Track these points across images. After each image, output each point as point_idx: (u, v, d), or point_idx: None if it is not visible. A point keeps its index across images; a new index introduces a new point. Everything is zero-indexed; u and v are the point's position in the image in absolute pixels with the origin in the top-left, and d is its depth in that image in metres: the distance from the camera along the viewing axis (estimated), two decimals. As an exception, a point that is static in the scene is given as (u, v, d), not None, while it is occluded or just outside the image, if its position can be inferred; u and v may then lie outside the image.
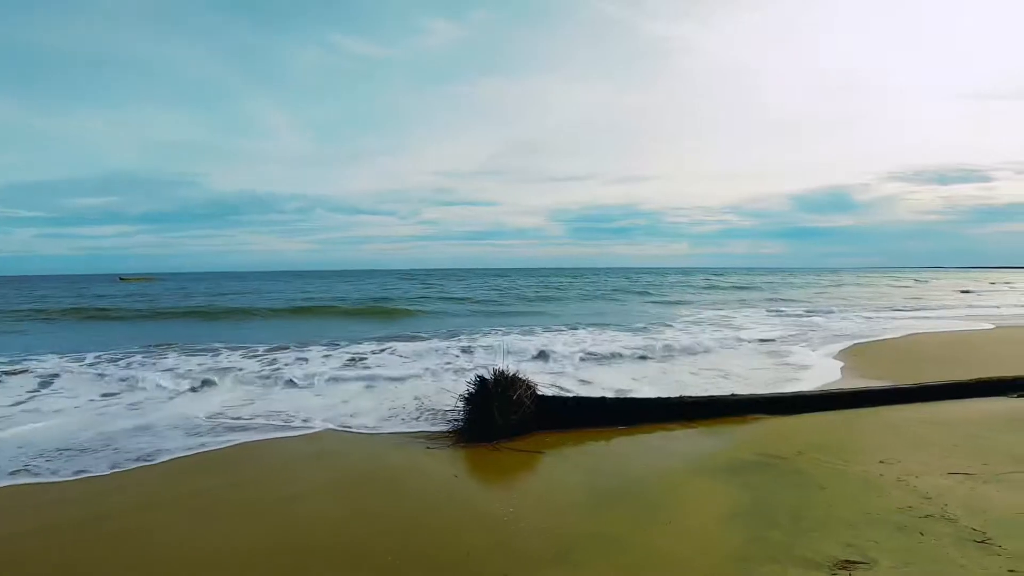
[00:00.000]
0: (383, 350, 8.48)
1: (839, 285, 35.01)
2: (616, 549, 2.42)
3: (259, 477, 3.58)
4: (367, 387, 6.15)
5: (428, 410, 5.11)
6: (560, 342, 9.18)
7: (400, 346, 8.82)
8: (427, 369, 6.98)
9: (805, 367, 7.14)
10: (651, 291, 27.71)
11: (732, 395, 4.88)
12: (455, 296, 23.97)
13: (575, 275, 63.28)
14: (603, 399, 4.73)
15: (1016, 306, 16.79)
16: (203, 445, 4.24)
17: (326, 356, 7.94)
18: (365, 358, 7.71)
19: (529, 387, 4.41)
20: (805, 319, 13.77)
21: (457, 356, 8.01)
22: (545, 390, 4.88)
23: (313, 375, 6.54)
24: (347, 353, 8.11)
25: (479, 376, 4.43)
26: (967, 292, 25.59)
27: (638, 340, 9.39)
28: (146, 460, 3.90)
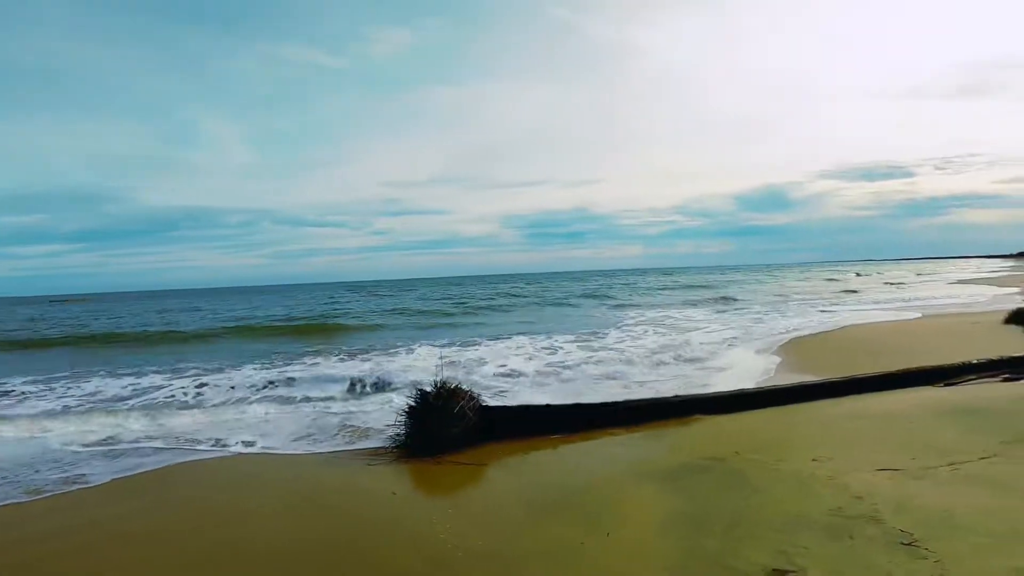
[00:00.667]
0: (313, 365, 8.35)
1: (779, 280, 36.61)
2: (556, 566, 2.34)
3: (181, 501, 3.43)
4: (293, 407, 5.95)
5: (350, 428, 5.00)
6: (499, 353, 9.01)
7: (327, 362, 8.66)
8: (356, 383, 6.80)
9: (735, 365, 7.34)
10: (602, 294, 28.03)
11: (675, 396, 4.91)
12: (401, 308, 23.22)
13: (529, 281, 63.76)
14: (547, 406, 4.66)
15: (947, 297, 17.74)
16: (127, 469, 4.10)
17: (255, 373, 7.65)
18: (293, 377, 7.38)
19: (472, 398, 4.32)
20: (747, 316, 14.16)
21: (385, 369, 7.80)
22: (490, 400, 4.78)
23: (237, 397, 6.31)
24: (274, 371, 7.82)
25: (419, 389, 4.33)
26: (894, 284, 27.13)
27: (574, 348, 9.32)
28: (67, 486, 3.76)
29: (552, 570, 2.31)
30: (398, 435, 4.27)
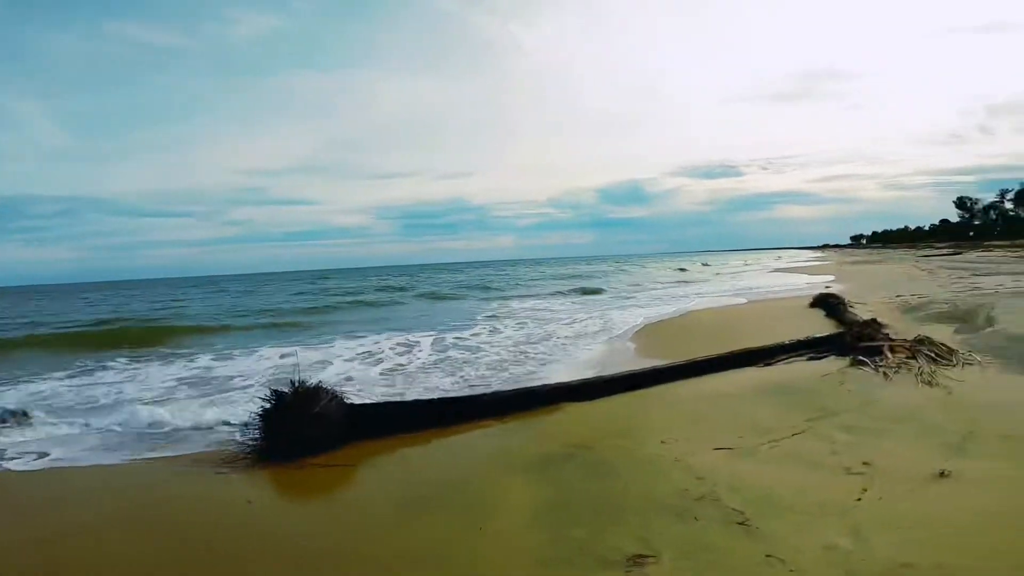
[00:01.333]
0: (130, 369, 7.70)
1: (636, 270, 39.87)
2: (429, 565, 2.33)
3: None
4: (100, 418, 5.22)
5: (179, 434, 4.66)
6: (347, 354, 8.58)
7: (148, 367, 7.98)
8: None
9: (594, 354, 7.83)
10: (474, 284, 28.42)
11: (542, 385, 5.09)
12: (249, 308, 20.66)
13: (403, 272, 62.77)
14: (415, 402, 4.61)
15: (769, 285, 20.43)
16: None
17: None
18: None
19: (335, 397, 4.15)
20: (607, 305, 15.18)
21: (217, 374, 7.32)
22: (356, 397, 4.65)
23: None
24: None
25: (274, 390, 4.07)
26: (726, 272, 30.91)
27: (428, 345, 9.07)
28: None
29: (425, 568, 2.31)
30: (252, 440, 3.98)
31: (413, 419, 4.40)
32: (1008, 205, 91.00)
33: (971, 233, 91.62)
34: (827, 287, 14.08)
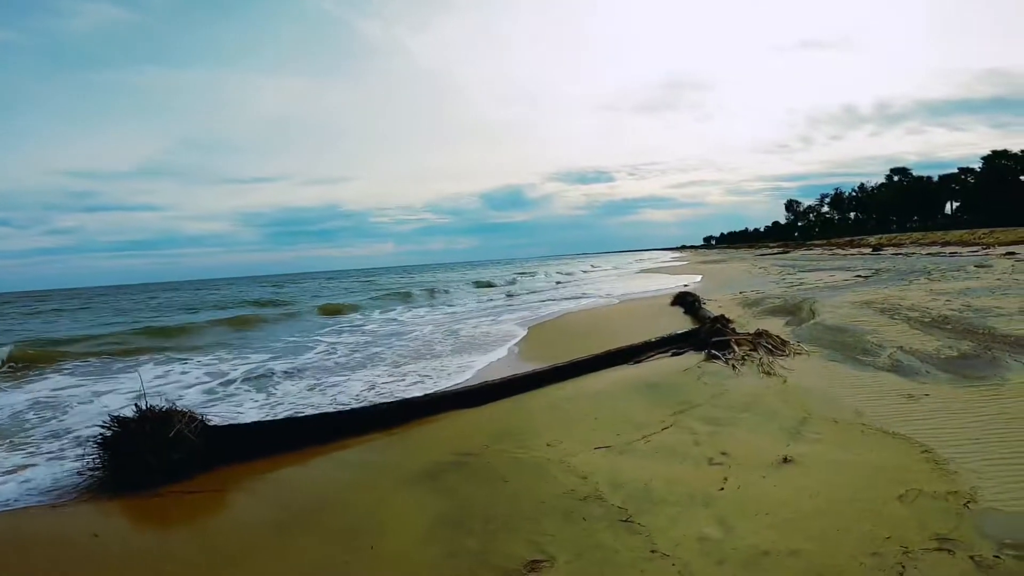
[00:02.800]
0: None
1: (518, 272, 40.83)
2: None
3: None
4: None
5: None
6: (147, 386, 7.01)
7: None
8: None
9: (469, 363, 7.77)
10: (342, 289, 27.25)
11: (425, 395, 5.04)
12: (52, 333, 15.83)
13: (270, 282, 58.54)
14: (289, 419, 4.44)
15: (637, 286, 21.93)
16: None
17: None
18: None
19: (193, 419, 3.87)
20: (479, 307, 15.35)
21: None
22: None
23: None
24: None
25: (115, 416, 3.76)
26: (595, 272, 32.80)
27: (240, 375, 7.65)
28: None
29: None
30: (94, 469, 3.65)
31: (288, 438, 4.18)
32: (825, 208, 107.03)
33: (796, 233, 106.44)
34: (685, 286, 15.53)
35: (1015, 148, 68.47)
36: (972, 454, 2.89)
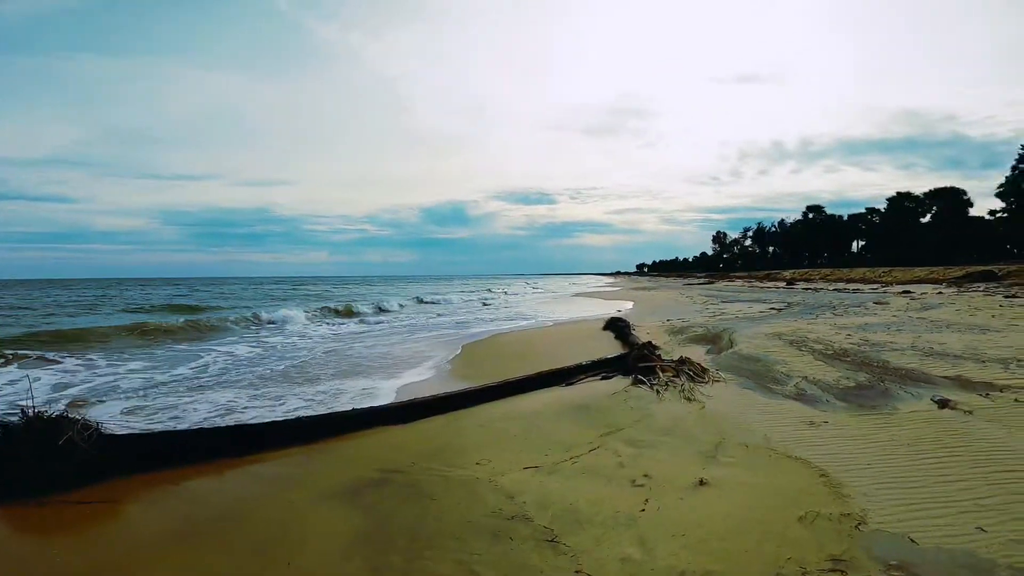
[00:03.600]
0: None
1: (457, 290, 40.63)
2: None
3: None
4: None
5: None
6: None
7: None
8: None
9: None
10: (262, 297, 26.14)
11: (352, 410, 4.96)
12: None
13: (188, 287, 55.27)
14: (200, 430, 4.27)
15: (571, 310, 22.32)
16: None
17: None
18: None
19: (87, 427, 3.69)
20: (396, 325, 15.16)
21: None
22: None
23: None
24: None
25: None
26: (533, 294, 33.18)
27: None
28: None
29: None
30: None
31: (197, 450, 4.04)
32: (748, 242, 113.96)
33: (721, 265, 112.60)
34: (618, 311, 16.05)
35: (918, 190, 75.47)
36: (864, 478, 3.17)
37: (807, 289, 31.47)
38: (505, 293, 39.50)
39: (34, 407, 3.69)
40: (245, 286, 57.47)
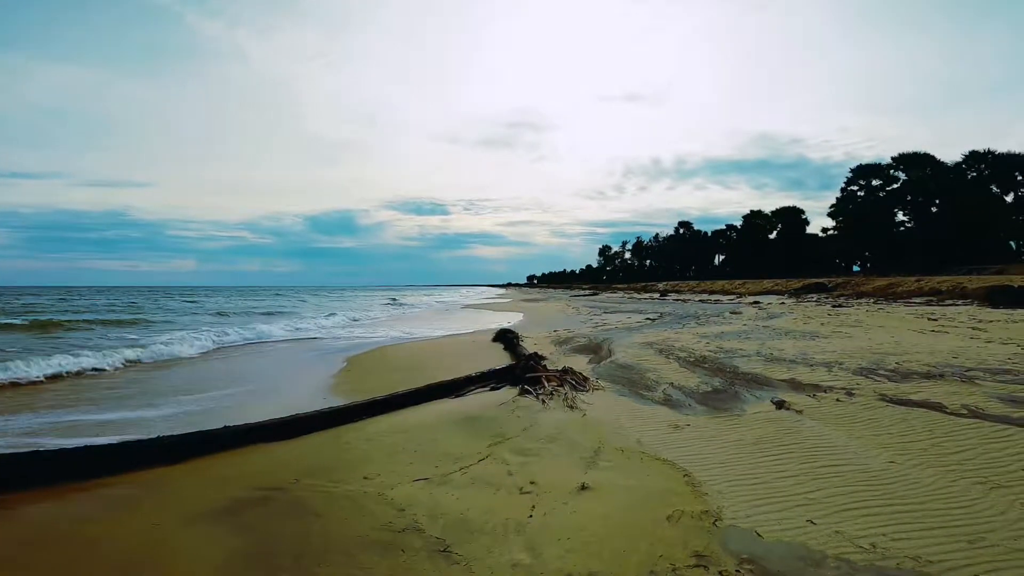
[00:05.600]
0: None
1: (343, 301, 38.93)
2: None
3: None
4: None
5: None
6: None
7: None
8: None
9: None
10: (108, 315, 23.38)
11: (226, 427, 4.67)
12: None
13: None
14: (36, 452, 3.89)
15: (463, 321, 22.29)
16: None
17: None
18: None
19: None
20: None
21: None
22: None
23: None
24: None
25: None
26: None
27: None
28: None
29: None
30: None
31: (33, 473, 3.71)
32: (628, 255, 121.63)
33: (605, 276, 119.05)
34: (507, 323, 16.43)
35: (767, 208, 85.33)
36: (719, 476, 3.58)
37: (677, 300, 34.35)
38: (395, 302, 38.63)
39: None
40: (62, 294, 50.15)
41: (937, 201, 57.95)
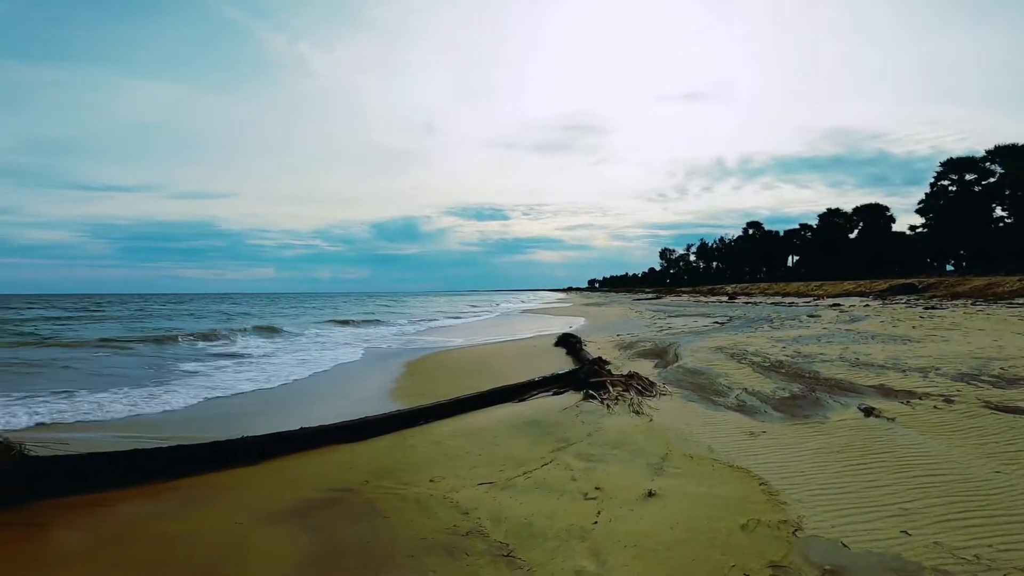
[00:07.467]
0: None
1: (413, 306, 40.10)
2: None
3: None
4: None
5: None
6: None
7: None
8: None
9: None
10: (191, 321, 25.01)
11: (301, 428, 4.83)
12: None
13: (108, 302, 52.16)
14: (133, 451, 4.06)
15: (523, 326, 22.37)
16: None
17: None
18: None
19: (9, 447, 3.62)
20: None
21: None
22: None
23: None
24: None
25: None
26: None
27: None
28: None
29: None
30: None
31: (129, 472, 3.89)
32: (692, 258, 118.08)
33: (668, 280, 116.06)
34: (569, 327, 16.29)
35: (846, 206, 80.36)
36: (799, 485, 3.36)
37: (747, 303, 32.92)
38: (456, 316, 39.34)
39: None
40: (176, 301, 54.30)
41: (1039, 195, 52.50)
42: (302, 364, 10.90)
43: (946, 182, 59.62)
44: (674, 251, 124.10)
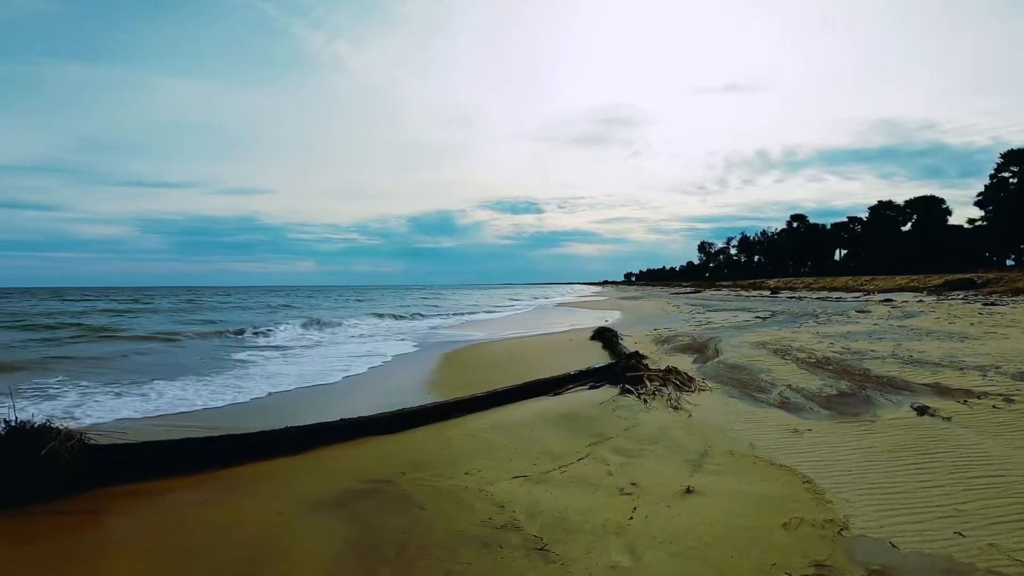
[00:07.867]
0: None
1: (450, 300, 40.47)
2: None
3: None
4: None
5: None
6: None
7: None
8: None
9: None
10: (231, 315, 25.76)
11: (340, 420, 4.93)
12: None
13: (160, 295, 54.48)
14: (185, 440, 4.21)
15: (558, 319, 22.31)
16: None
17: None
18: None
19: (71, 436, 3.69)
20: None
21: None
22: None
23: None
24: None
25: None
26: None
27: None
28: None
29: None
30: None
31: (181, 460, 4.04)
32: (733, 251, 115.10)
33: (707, 274, 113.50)
34: (605, 321, 16.15)
35: (898, 199, 76.91)
36: (846, 484, 3.24)
37: (791, 298, 31.89)
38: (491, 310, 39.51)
39: (16, 417, 3.64)
40: (228, 294, 56.44)
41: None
42: (348, 356, 11.13)
43: (1007, 174, 56.35)
44: (713, 244, 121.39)
